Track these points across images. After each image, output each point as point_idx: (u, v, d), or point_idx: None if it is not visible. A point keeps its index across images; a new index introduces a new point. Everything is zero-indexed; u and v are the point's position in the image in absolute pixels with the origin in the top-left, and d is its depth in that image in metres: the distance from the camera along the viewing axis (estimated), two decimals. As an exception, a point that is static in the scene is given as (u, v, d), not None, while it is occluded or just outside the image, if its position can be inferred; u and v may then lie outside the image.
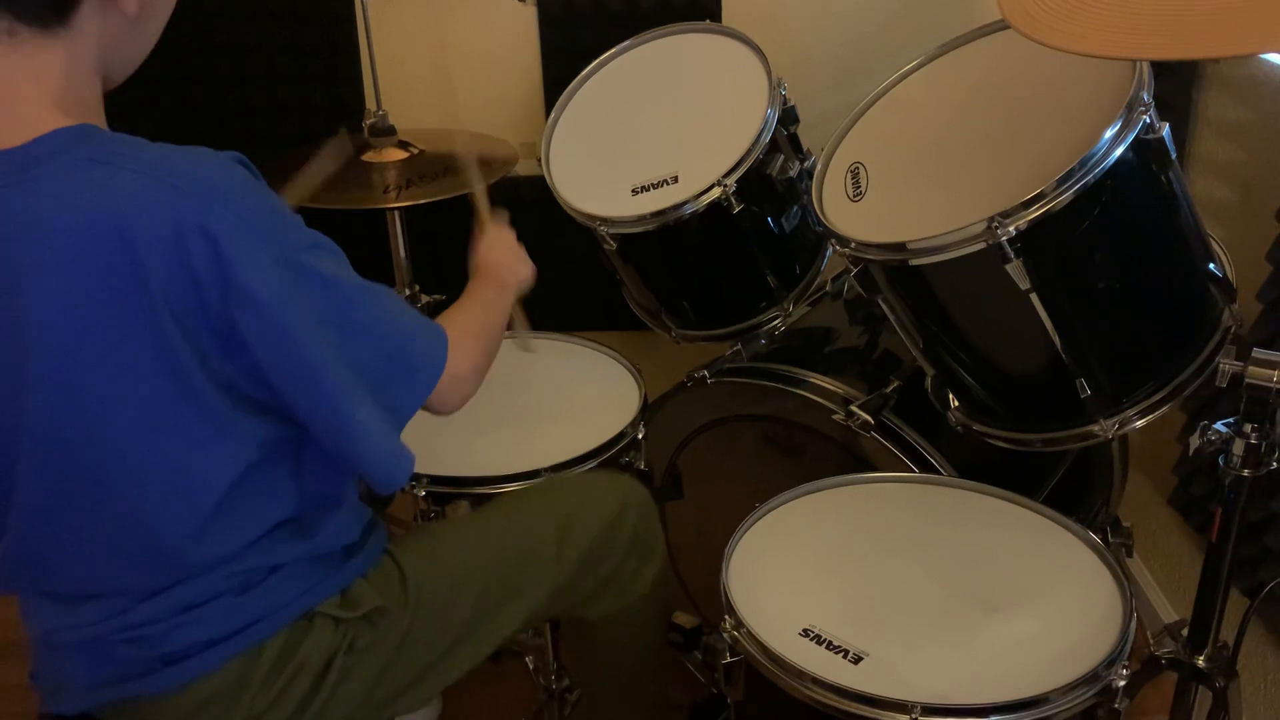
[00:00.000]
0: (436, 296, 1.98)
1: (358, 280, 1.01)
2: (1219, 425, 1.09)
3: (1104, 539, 1.27)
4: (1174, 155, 1.14)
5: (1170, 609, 1.88)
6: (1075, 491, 1.63)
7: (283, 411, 0.97)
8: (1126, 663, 1.07)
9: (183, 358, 0.90)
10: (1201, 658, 1.19)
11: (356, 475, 1.14)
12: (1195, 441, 1.11)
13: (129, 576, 1.00)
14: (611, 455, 1.49)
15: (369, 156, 1.79)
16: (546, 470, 1.42)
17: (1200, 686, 1.22)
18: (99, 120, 0.97)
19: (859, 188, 1.34)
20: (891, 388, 1.49)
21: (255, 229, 0.91)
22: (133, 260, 0.87)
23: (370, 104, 1.82)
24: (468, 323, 1.18)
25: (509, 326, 1.32)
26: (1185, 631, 1.21)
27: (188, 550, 0.99)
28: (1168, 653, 1.22)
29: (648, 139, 1.65)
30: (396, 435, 1.03)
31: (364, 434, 0.99)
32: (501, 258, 1.36)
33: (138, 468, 0.95)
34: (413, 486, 1.42)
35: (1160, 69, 1.26)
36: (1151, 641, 1.25)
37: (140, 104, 2.03)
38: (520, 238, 1.40)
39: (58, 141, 0.89)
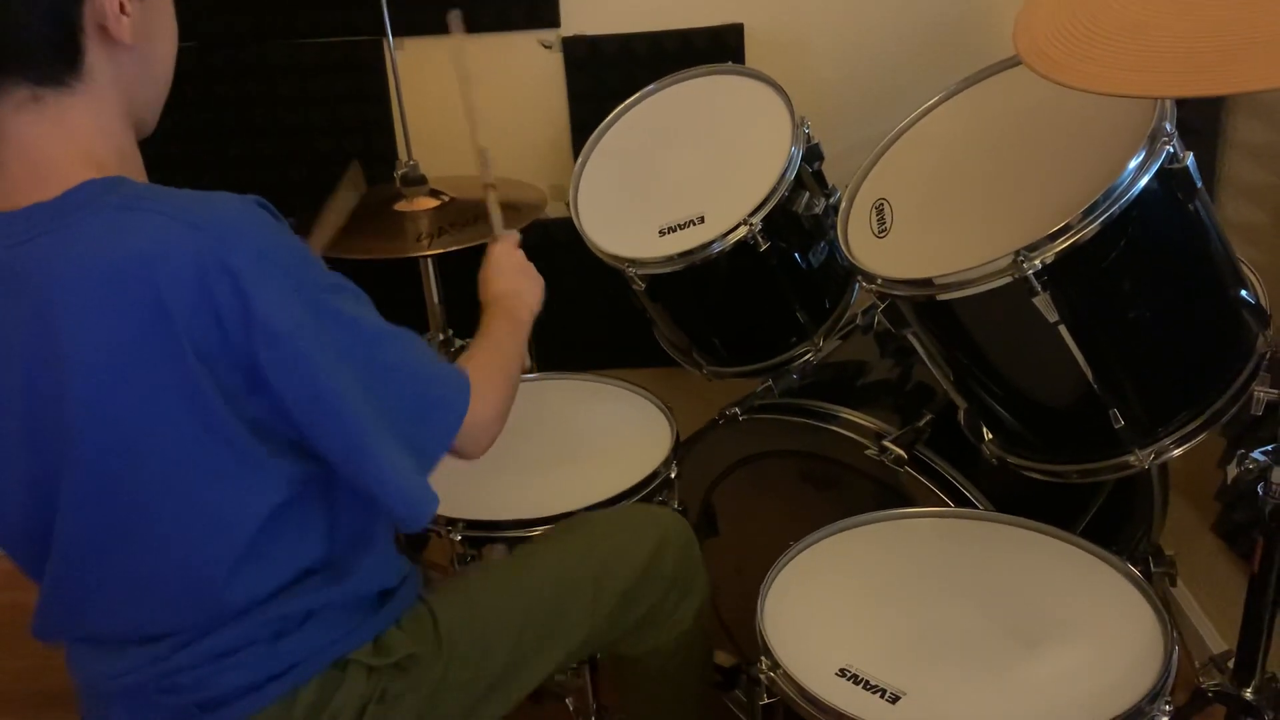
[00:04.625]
0: (470, 341, 2.00)
1: (380, 323, 1.02)
2: (1256, 454, 1.08)
3: (1146, 568, 1.26)
4: (1199, 184, 1.14)
5: (1219, 638, 1.84)
6: (1115, 520, 1.61)
7: (310, 449, 0.98)
8: (1170, 698, 1.05)
9: (209, 396, 0.91)
10: (1249, 690, 1.18)
11: (390, 517, 1.15)
12: (1233, 470, 1.10)
13: (165, 619, 1.01)
14: (645, 495, 1.49)
15: (401, 206, 1.82)
16: (581, 512, 1.42)
17: (1249, 720, 1.20)
18: (136, 170, 1.00)
19: (884, 224, 1.35)
20: (924, 421, 1.49)
21: (275, 266, 0.92)
22: (157, 299, 0.88)
23: (401, 154, 1.85)
24: (487, 367, 1.17)
25: None
26: (1231, 663, 1.19)
27: (221, 590, 1.00)
28: (1214, 685, 1.21)
29: (674, 180, 1.67)
30: (422, 476, 1.03)
31: (388, 468, 0.99)
32: (510, 284, 1.35)
33: (171, 507, 0.96)
34: (449, 530, 1.43)
35: (1184, 96, 1.26)
36: (1199, 673, 1.23)
37: (173, 157, 2.08)
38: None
39: (89, 191, 0.92)
